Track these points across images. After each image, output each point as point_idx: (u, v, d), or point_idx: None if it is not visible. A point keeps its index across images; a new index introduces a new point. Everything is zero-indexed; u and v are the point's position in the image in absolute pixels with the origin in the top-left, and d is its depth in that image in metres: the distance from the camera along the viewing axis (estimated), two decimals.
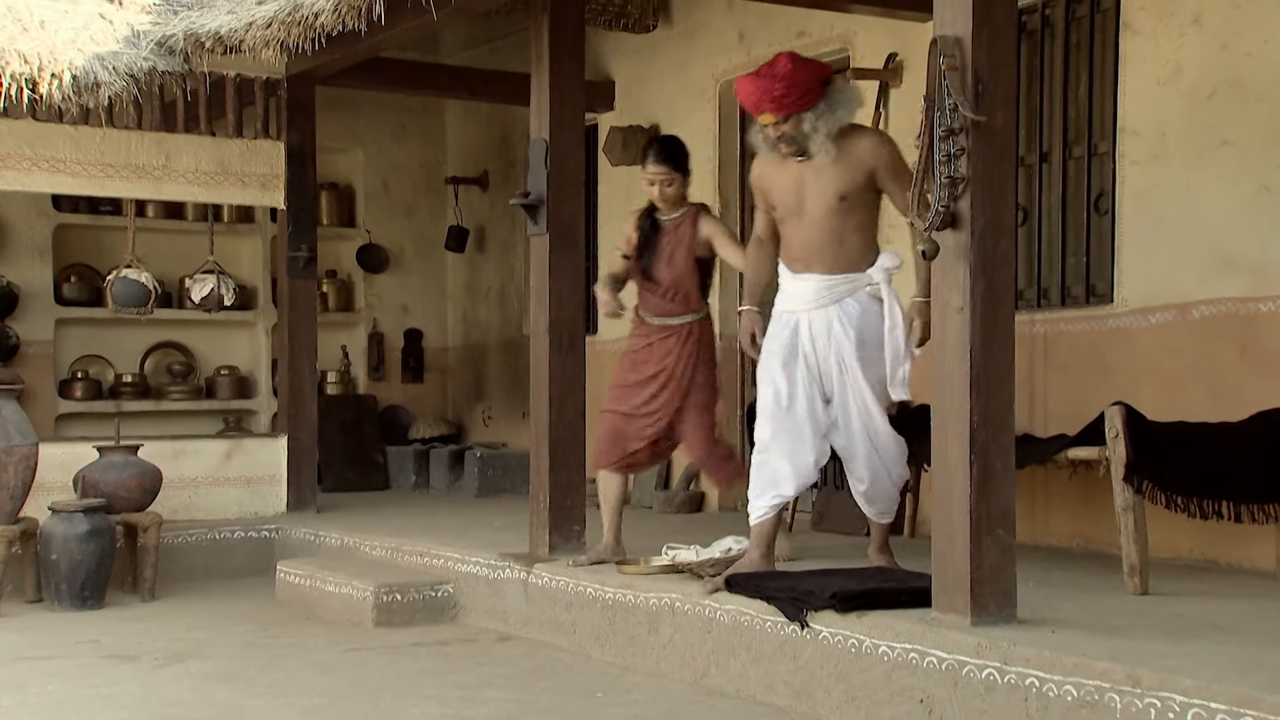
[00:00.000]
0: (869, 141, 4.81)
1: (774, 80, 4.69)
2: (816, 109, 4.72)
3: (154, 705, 4.54)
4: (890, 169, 4.77)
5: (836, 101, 4.76)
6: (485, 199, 10.49)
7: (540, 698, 4.61)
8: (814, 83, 4.73)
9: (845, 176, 4.76)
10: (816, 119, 4.72)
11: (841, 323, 4.78)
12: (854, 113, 4.83)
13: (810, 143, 4.74)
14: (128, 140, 7.52)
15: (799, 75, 4.71)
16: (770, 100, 4.70)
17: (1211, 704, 3.21)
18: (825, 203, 4.78)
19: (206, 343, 10.11)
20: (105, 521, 6.59)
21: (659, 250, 5.51)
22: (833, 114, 4.74)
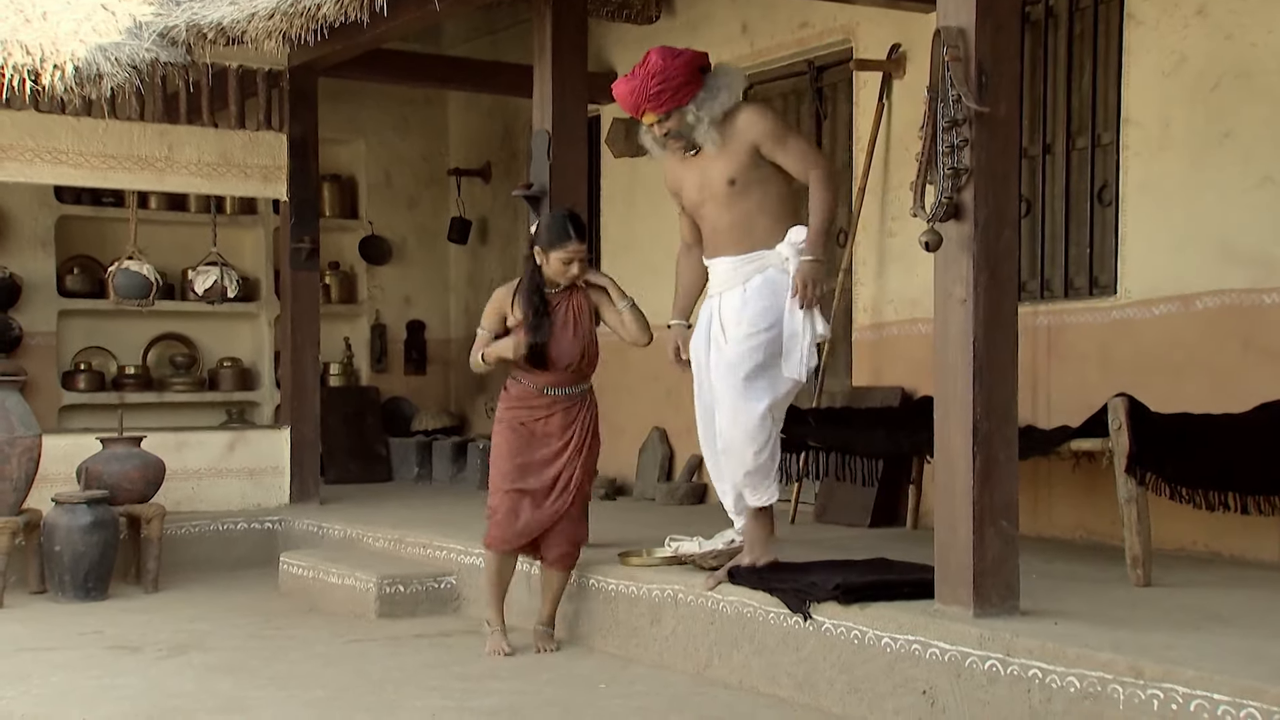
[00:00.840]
0: (744, 117, 4.61)
1: (648, 78, 4.55)
2: (696, 99, 4.58)
3: (157, 697, 4.54)
4: (772, 137, 4.59)
5: (716, 87, 4.60)
6: (487, 191, 10.48)
7: (543, 689, 4.61)
8: (689, 73, 4.58)
9: (729, 159, 4.61)
10: (698, 109, 4.58)
11: (744, 297, 4.63)
12: (736, 94, 4.64)
13: (696, 134, 4.61)
14: (130, 131, 7.51)
15: (672, 68, 4.56)
16: (647, 99, 4.57)
17: (1214, 695, 3.21)
18: (719, 189, 4.65)
19: (209, 334, 10.11)
20: (108, 513, 6.59)
21: (555, 325, 5.11)
22: (714, 100, 4.58)
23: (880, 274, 7.01)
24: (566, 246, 5.07)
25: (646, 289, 8.56)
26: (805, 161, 4.62)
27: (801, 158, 4.62)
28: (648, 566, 5.14)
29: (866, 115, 7.06)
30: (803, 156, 4.62)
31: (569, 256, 5.07)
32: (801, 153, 4.63)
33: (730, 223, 4.65)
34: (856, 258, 7.11)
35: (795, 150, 4.61)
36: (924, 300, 6.55)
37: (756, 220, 4.63)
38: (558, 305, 5.15)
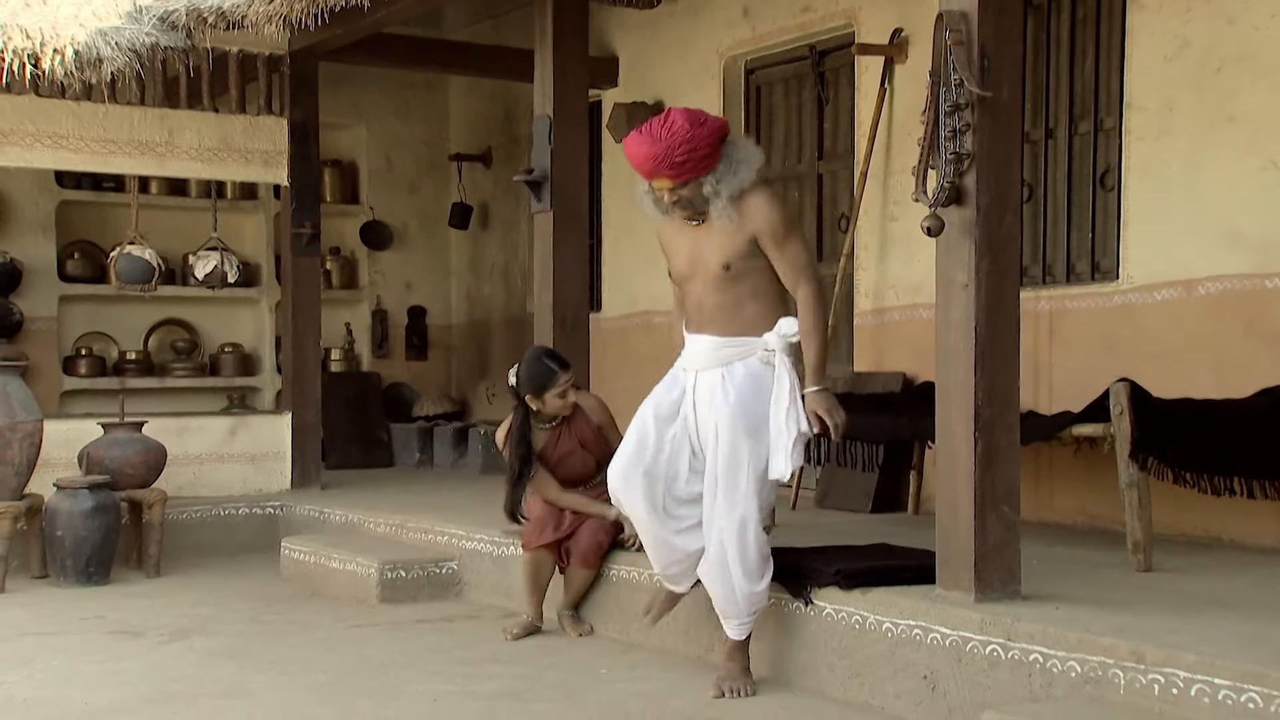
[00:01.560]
0: (753, 202, 4.28)
1: (674, 144, 4.17)
2: (715, 171, 4.24)
3: (159, 681, 4.55)
4: (774, 236, 4.29)
5: (736, 161, 4.27)
6: (489, 176, 10.47)
7: (545, 674, 4.62)
8: (714, 143, 4.24)
9: (729, 244, 4.30)
10: (717, 182, 4.24)
11: (724, 388, 4.31)
12: (754, 172, 4.31)
13: (711, 207, 4.28)
14: (130, 116, 7.49)
15: (699, 137, 4.20)
16: (670, 167, 4.20)
17: (1215, 680, 3.22)
18: (712, 270, 4.34)
19: (210, 320, 10.10)
20: (110, 498, 6.60)
21: (562, 454, 5.25)
22: (734, 176, 4.25)
23: (882, 259, 7.00)
24: (558, 383, 5.15)
25: (646, 277, 8.60)
26: (798, 273, 4.31)
27: (796, 267, 4.31)
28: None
29: (868, 100, 7.04)
30: (797, 266, 4.32)
31: (563, 390, 5.17)
32: (797, 261, 4.32)
33: (718, 304, 4.36)
34: (858, 243, 7.10)
35: (792, 256, 4.31)
36: (926, 285, 6.56)
37: (746, 305, 4.35)
38: (560, 437, 5.26)
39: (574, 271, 5.81)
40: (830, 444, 5.88)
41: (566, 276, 5.78)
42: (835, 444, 5.87)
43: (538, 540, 5.18)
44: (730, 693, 4.24)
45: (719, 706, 4.16)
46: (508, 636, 5.15)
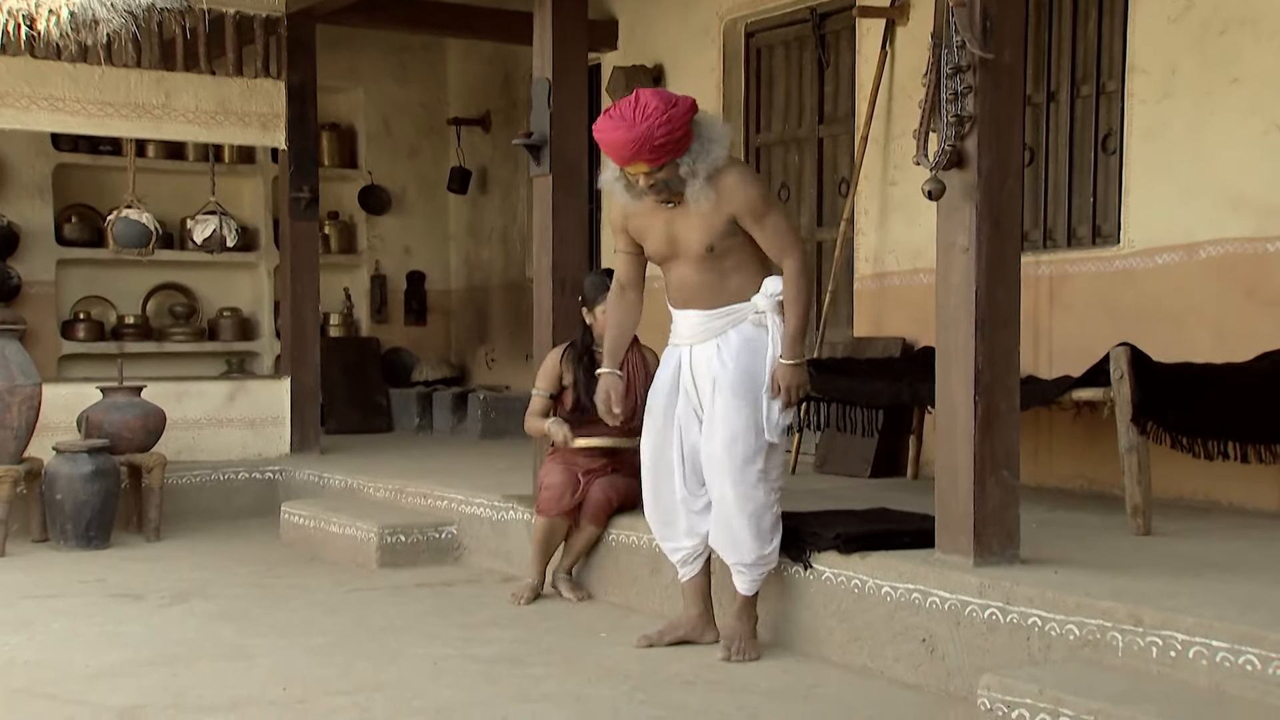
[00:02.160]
0: (729, 181, 4.19)
1: (652, 127, 4.04)
2: (691, 150, 4.11)
3: (159, 644, 4.56)
4: (753, 213, 4.21)
5: (709, 139, 4.15)
6: (488, 140, 10.42)
7: (544, 638, 4.63)
8: (687, 123, 4.11)
9: (709, 224, 4.22)
10: (694, 162, 4.12)
11: (720, 357, 4.28)
12: (727, 149, 4.21)
13: (687, 188, 4.17)
14: (127, 78, 7.45)
15: (675, 117, 4.08)
16: (649, 151, 4.06)
17: (1213, 642, 3.22)
18: (695, 251, 4.28)
19: (208, 284, 10.09)
20: (109, 462, 6.60)
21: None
22: (708, 154, 4.13)
23: (882, 223, 6.98)
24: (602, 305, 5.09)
25: None
26: (782, 245, 4.25)
27: (778, 240, 4.24)
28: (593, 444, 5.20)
29: (869, 63, 7.00)
30: (780, 239, 4.25)
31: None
32: (779, 234, 4.25)
33: (702, 282, 4.31)
34: (858, 207, 7.07)
35: (773, 230, 4.23)
36: (926, 250, 6.54)
37: (731, 277, 4.30)
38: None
39: (573, 235, 5.77)
40: (829, 409, 5.88)
41: (565, 240, 5.75)
42: (834, 409, 5.86)
43: (558, 507, 5.16)
44: (738, 654, 4.24)
45: (719, 670, 4.17)
46: (520, 601, 5.14)
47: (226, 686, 4.00)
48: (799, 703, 3.83)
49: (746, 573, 4.32)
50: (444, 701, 3.83)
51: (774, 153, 7.95)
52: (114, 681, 4.07)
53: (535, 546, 5.24)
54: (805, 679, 4.07)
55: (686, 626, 4.49)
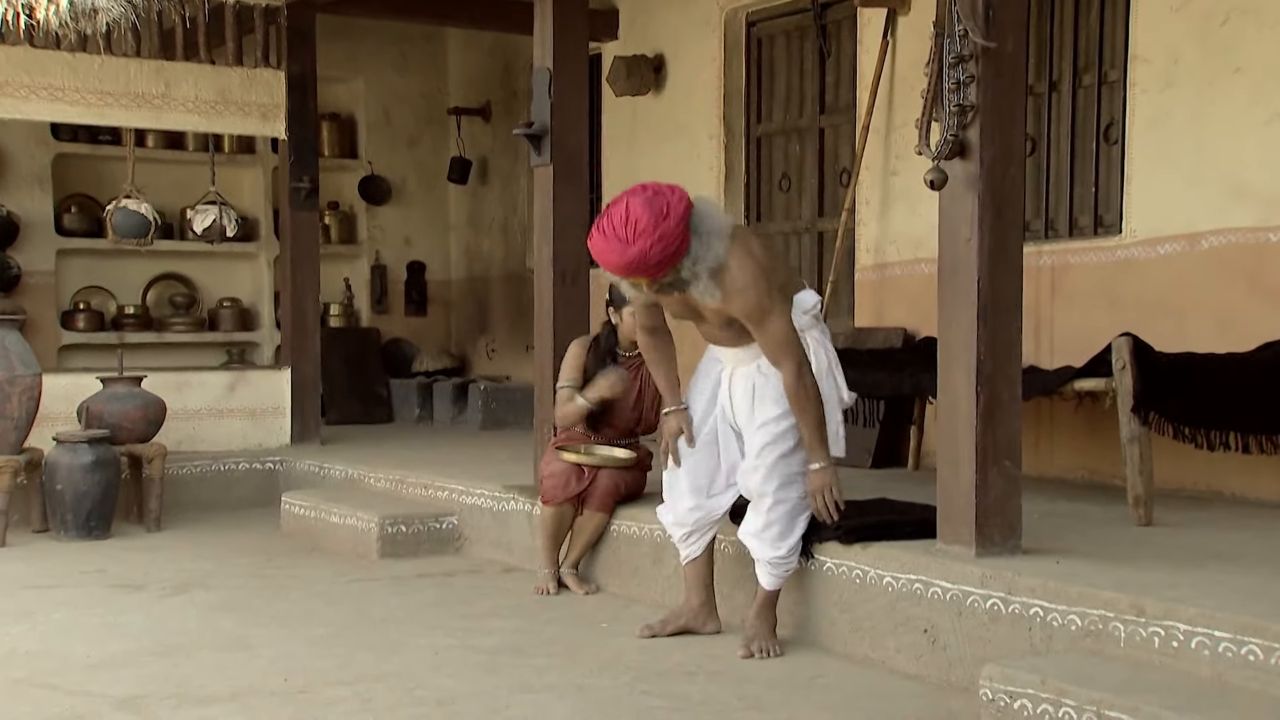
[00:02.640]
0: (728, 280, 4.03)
1: (647, 246, 3.89)
2: (691, 252, 3.96)
3: (160, 634, 4.55)
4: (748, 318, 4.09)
5: (706, 233, 3.98)
6: (488, 130, 10.40)
7: (545, 628, 4.62)
8: (683, 228, 3.94)
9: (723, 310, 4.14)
10: (694, 264, 3.98)
11: (761, 370, 4.25)
12: (725, 238, 4.02)
13: (692, 289, 4.04)
14: (126, 68, 7.43)
15: (669, 231, 3.90)
16: (645, 270, 3.95)
17: (1215, 632, 3.22)
18: (714, 319, 4.22)
19: (208, 274, 10.08)
20: (110, 452, 6.59)
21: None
22: (709, 252, 3.97)
23: (883, 214, 6.96)
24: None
25: None
26: (775, 354, 4.13)
27: (772, 349, 4.13)
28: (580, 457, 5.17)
29: (871, 53, 6.98)
30: (773, 347, 4.12)
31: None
32: (774, 343, 4.11)
33: (731, 336, 4.27)
34: (859, 197, 7.06)
35: (769, 337, 4.11)
36: (927, 240, 6.54)
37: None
38: (628, 369, 5.20)
39: (574, 226, 5.75)
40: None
41: (566, 231, 5.73)
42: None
43: (562, 495, 5.16)
44: (759, 652, 4.19)
45: (720, 660, 4.16)
46: (546, 593, 5.13)
47: (228, 677, 4.00)
48: (800, 693, 3.82)
49: (772, 569, 4.27)
50: (445, 692, 3.82)
51: (775, 143, 7.93)
52: (115, 672, 4.07)
53: (544, 537, 5.23)
54: (806, 669, 4.07)
55: (688, 616, 4.49)
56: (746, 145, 8.00)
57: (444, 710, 3.66)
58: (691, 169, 8.17)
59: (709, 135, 8.06)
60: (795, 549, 4.27)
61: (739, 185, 8.02)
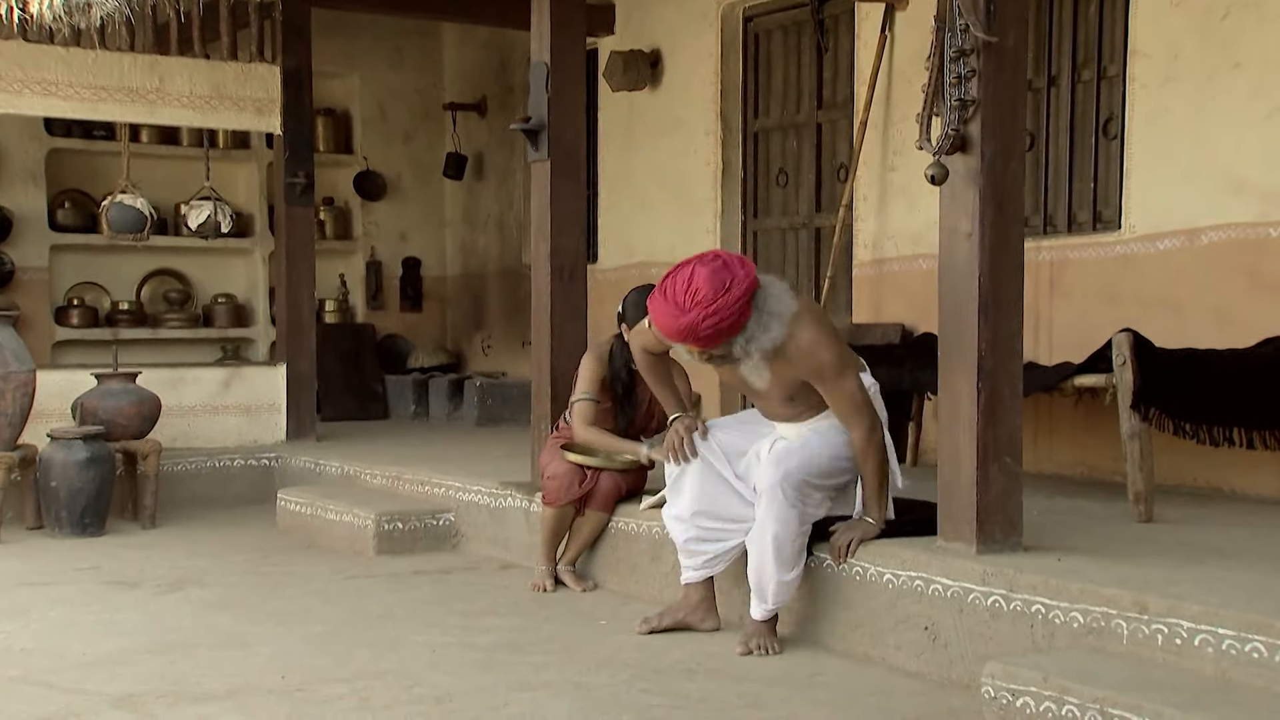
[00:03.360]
0: (800, 344, 4.07)
1: (702, 317, 3.92)
2: (746, 329, 3.98)
3: (156, 631, 4.53)
4: (823, 381, 4.12)
5: (767, 314, 4.00)
6: (483, 125, 10.37)
7: (543, 626, 4.60)
8: (742, 306, 3.96)
9: (786, 382, 4.17)
10: (747, 343, 4.01)
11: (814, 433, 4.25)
12: (786, 324, 4.03)
13: (742, 366, 4.12)
14: (120, 62, 7.39)
15: (725, 307, 3.92)
16: (699, 340, 3.99)
17: (1219, 629, 3.20)
18: (775, 395, 4.24)
19: (203, 270, 10.04)
20: (104, 449, 6.56)
21: (637, 398, 5.17)
22: (765, 334, 4.00)
23: (881, 209, 6.94)
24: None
25: (640, 224, 8.55)
26: (847, 413, 4.15)
27: (844, 408, 4.15)
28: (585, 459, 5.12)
29: (869, 48, 6.96)
30: (845, 407, 4.15)
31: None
32: (846, 402, 4.14)
33: (787, 415, 4.28)
34: (857, 193, 7.04)
35: (842, 398, 4.14)
36: (925, 236, 6.53)
37: (813, 395, 4.21)
38: (639, 384, 5.14)
39: (572, 222, 5.73)
40: None
41: (564, 227, 5.70)
42: None
43: (566, 497, 5.12)
44: (758, 650, 4.16)
45: (719, 658, 4.14)
46: (543, 590, 5.10)
47: (224, 674, 3.97)
48: (800, 691, 3.80)
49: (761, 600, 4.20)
50: (443, 689, 3.80)
51: (772, 138, 7.91)
52: (111, 669, 4.04)
53: (544, 536, 5.20)
54: (806, 667, 4.05)
55: (686, 611, 4.46)
56: (744, 141, 7.98)
57: (442, 708, 3.63)
58: (688, 165, 8.15)
59: (706, 131, 8.03)
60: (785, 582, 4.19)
61: (736, 181, 8.00)
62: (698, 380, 5.17)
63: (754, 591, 4.24)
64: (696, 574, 4.46)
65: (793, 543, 4.17)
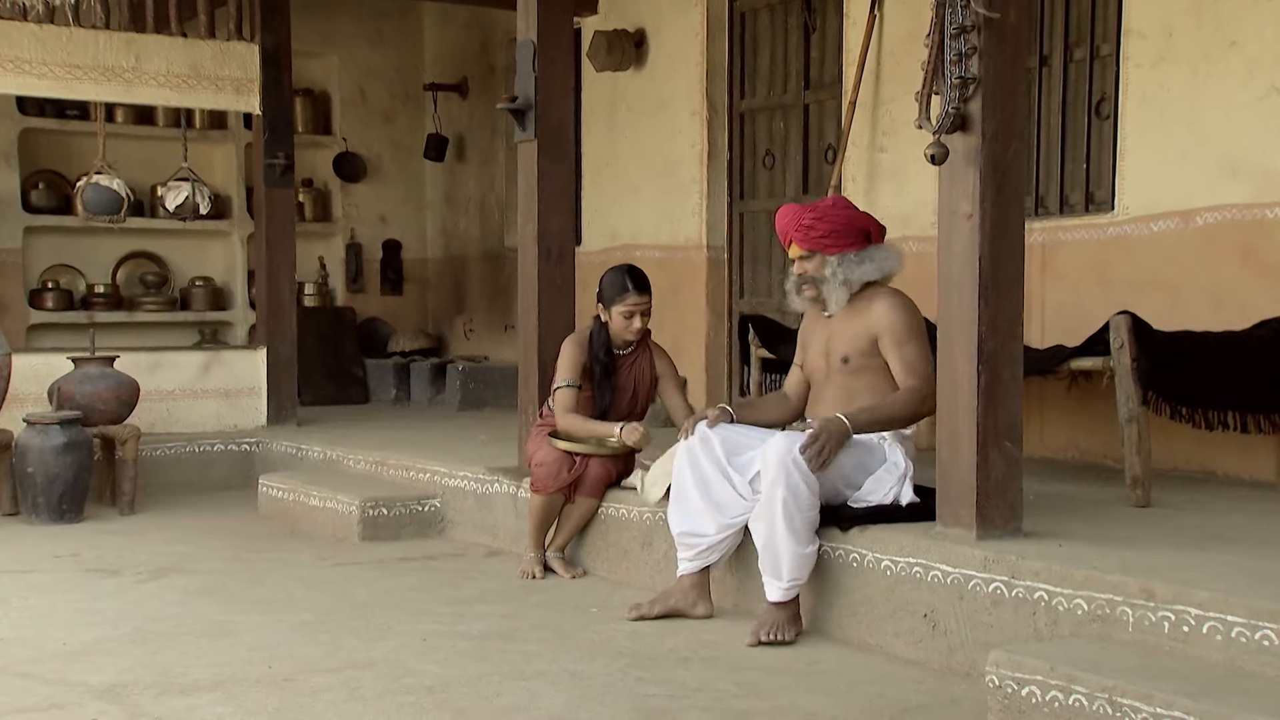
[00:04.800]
0: (882, 303, 4.32)
1: (810, 210, 4.36)
2: (843, 255, 4.33)
3: (138, 620, 4.43)
4: (894, 336, 4.28)
5: (868, 256, 4.35)
6: (465, 106, 10.26)
7: (533, 613, 4.52)
8: (853, 229, 4.34)
9: (851, 337, 4.34)
10: (839, 265, 4.33)
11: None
12: (883, 273, 4.37)
13: (825, 288, 4.37)
14: (95, 40, 7.25)
15: (835, 214, 4.36)
16: (798, 229, 4.35)
17: (1229, 617, 3.14)
18: (834, 363, 4.39)
19: (180, 253, 9.90)
20: (82, 434, 6.45)
21: (617, 385, 5.12)
22: (859, 266, 4.33)
23: (870, 191, 6.87)
24: (626, 299, 5.05)
25: (624, 206, 8.46)
26: (911, 371, 4.25)
27: (910, 368, 4.25)
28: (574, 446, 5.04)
29: (858, 27, 6.88)
30: (911, 367, 4.25)
31: (629, 310, 5.06)
32: (912, 363, 4.26)
33: (833, 396, 4.35)
34: (846, 174, 6.96)
35: (909, 357, 4.26)
36: (915, 217, 6.47)
37: (861, 398, 4.29)
38: (622, 368, 5.13)
39: (559, 202, 5.63)
40: None
41: (551, 208, 5.61)
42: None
43: (555, 484, 5.04)
44: (769, 637, 4.06)
45: (713, 646, 4.08)
46: (532, 577, 5.03)
47: (210, 664, 3.88)
48: (799, 679, 3.74)
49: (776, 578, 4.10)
50: (435, 679, 3.72)
51: (759, 119, 7.83)
52: (94, 659, 3.95)
53: (533, 523, 5.12)
54: (803, 655, 3.98)
55: (678, 597, 4.39)
56: (730, 121, 7.89)
57: (434, 698, 3.56)
58: (673, 146, 8.07)
59: (691, 111, 7.94)
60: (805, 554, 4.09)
61: (721, 162, 7.92)
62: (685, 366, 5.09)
63: (767, 571, 4.11)
64: (691, 565, 4.39)
65: (803, 515, 4.06)
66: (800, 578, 4.10)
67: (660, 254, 8.15)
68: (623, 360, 5.17)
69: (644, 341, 5.22)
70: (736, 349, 7.54)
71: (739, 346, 6.97)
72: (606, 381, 5.12)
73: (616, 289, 5.08)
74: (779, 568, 4.08)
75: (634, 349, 5.19)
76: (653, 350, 5.23)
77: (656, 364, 5.21)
